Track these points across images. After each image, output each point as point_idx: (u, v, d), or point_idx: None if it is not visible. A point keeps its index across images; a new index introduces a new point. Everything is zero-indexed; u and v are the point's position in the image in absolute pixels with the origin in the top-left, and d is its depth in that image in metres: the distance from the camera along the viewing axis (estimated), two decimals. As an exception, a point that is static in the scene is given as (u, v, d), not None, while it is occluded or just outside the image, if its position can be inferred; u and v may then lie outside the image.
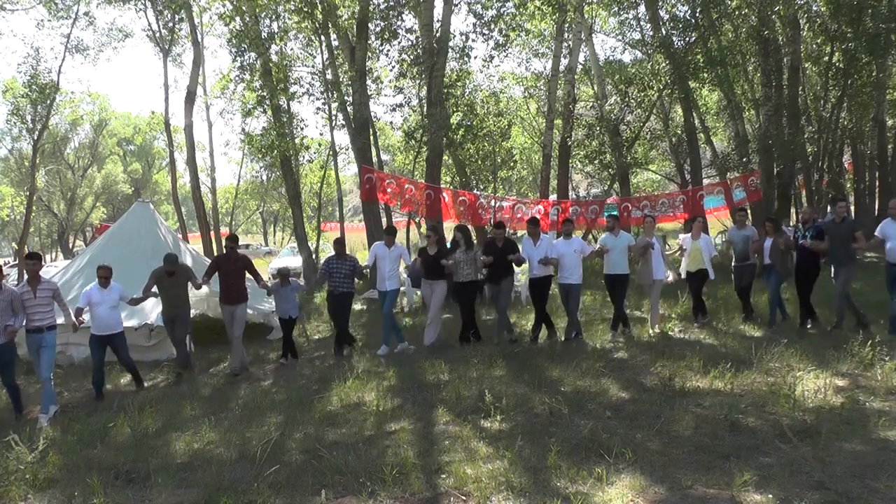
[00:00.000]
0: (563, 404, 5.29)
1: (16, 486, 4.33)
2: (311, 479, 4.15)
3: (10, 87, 22.68)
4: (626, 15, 18.26)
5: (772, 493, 3.58)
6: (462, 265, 8.40)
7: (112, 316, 7.26)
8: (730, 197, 15.69)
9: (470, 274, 8.45)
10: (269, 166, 23.55)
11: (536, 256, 8.29)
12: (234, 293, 8.07)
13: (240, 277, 8.18)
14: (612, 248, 8.43)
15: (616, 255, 8.45)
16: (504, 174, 22.61)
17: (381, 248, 8.68)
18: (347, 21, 14.95)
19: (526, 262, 8.46)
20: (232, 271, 8.13)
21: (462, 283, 8.48)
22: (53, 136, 34.58)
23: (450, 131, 14.74)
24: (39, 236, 45.29)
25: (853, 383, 5.58)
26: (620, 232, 8.65)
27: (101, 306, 7.13)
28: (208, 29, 23.56)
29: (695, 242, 8.87)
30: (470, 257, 8.42)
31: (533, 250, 8.37)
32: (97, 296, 7.14)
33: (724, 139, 23.59)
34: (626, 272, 8.56)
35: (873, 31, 13.39)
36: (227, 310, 8.10)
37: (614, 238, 8.51)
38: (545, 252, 8.26)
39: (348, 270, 8.52)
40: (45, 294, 6.53)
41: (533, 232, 8.55)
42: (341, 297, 8.54)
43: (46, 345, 6.48)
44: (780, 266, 8.42)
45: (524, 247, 8.51)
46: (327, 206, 34.02)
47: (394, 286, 8.70)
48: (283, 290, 8.50)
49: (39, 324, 6.45)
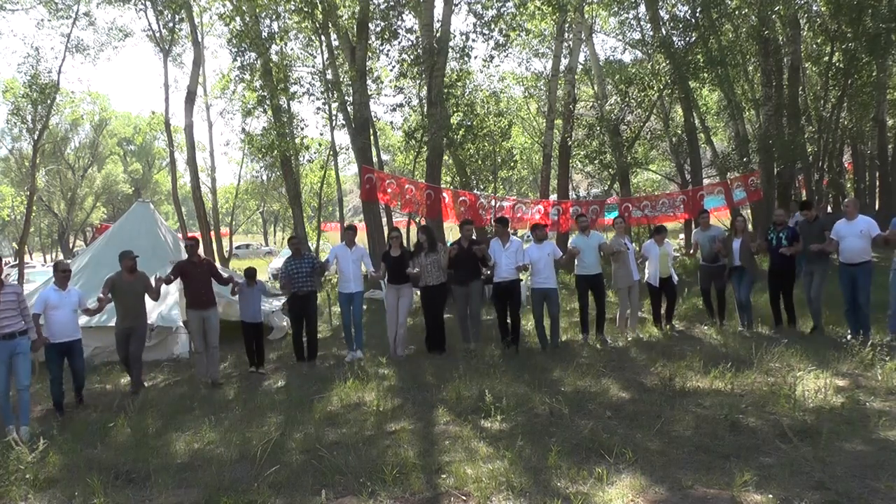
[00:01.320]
0: (564, 404, 5.28)
1: (16, 486, 4.33)
2: (311, 479, 4.15)
3: (10, 86, 22.67)
4: (626, 15, 18.29)
5: (772, 493, 3.57)
6: (428, 268, 7.97)
7: (71, 321, 6.66)
8: (730, 197, 15.69)
9: (439, 277, 8.01)
10: (269, 166, 23.58)
11: (505, 259, 7.85)
12: (203, 297, 7.58)
13: (207, 281, 7.68)
14: (584, 248, 8.14)
15: (589, 256, 8.18)
16: (504, 174, 22.62)
17: (342, 249, 8.33)
18: (347, 21, 14.97)
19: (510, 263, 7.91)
20: (197, 274, 7.63)
21: (428, 287, 8.02)
22: (53, 136, 34.59)
23: (450, 131, 14.75)
24: (39, 236, 45.33)
25: (853, 383, 5.57)
26: (592, 232, 8.47)
27: (59, 310, 6.50)
28: (208, 29, 23.63)
29: (661, 248, 8.62)
30: (434, 260, 7.98)
31: (502, 252, 7.90)
32: (55, 298, 6.51)
33: (724, 139, 23.61)
34: (600, 272, 8.29)
35: (873, 31, 13.40)
36: (197, 316, 7.57)
37: (586, 239, 8.26)
38: (515, 255, 7.86)
39: (307, 269, 8.14)
40: (10, 298, 5.82)
41: (501, 232, 8.11)
42: (303, 298, 8.11)
43: (21, 350, 5.85)
44: (750, 268, 8.24)
45: (492, 248, 8.04)
46: (327, 206, 34.06)
47: (359, 288, 8.31)
48: (249, 291, 8.01)
49: (10, 329, 5.76)
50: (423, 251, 8.03)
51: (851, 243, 7.24)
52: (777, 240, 7.97)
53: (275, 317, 10.36)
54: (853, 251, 7.23)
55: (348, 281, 8.23)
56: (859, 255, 7.22)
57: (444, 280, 8.10)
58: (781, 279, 8.05)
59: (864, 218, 7.35)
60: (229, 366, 8.70)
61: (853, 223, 7.29)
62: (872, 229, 7.21)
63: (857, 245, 7.21)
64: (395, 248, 8.21)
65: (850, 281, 7.31)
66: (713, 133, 22.18)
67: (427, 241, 8.11)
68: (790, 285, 8.05)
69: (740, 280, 8.28)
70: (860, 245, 7.21)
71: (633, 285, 8.50)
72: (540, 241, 8.06)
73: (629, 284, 8.48)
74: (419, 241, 8.22)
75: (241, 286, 7.96)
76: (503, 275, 7.87)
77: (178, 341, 9.16)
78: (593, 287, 8.28)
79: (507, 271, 7.85)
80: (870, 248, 7.27)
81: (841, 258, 7.41)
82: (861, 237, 7.19)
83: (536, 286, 8.04)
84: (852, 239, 7.23)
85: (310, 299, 8.24)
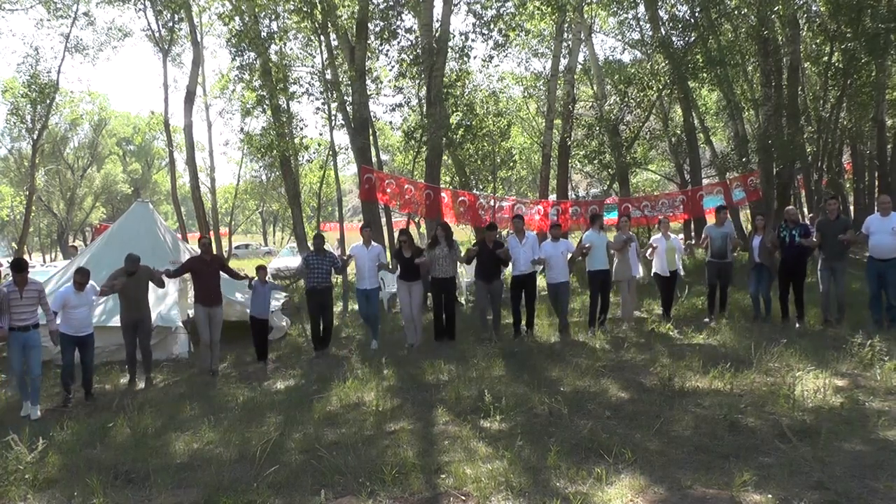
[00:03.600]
0: (563, 404, 5.29)
1: (16, 486, 4.33)
2: (310, 479, 4.15)
3: (9, 86, 22.67)
4: (625, 15, 18.26)
5: (771, 493, 3.58)
6: (440, 261, 8.56)
7: (87, 318, 7.17)
8: (729, 197, 15.68)
9: (449, 271, 8.66)
10: (268, 166, 23.52)
11: (523, 254, 8.47)
12: (211, 295, 7.95)
13: (215, 277, 8.06)
14: (597, 245, 8.62)
15: (601, 253, 8.66)
16: (504, 174, 22.61)
17: (359, 248, 8.84)
18: (347, 21, 14.94)
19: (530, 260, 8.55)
20: (207, 272, 8.00)
21: (439, 280, 8.63)
22: (53, 136, 34.59)
23: (449, 131, 14.73)
24: (39, 236, 45.29)
25: (853, 383, 5.58)
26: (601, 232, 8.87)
27: (78, 309, 7.00)
28: (208, 29, 23.61)
29: (669, 242, 8.99)
30: (446, 254, 8.57)
31: (519, 248, 8.52)
32: (74, 299, 6.98)
33: (723, 139, 23.60)
34: (608, 268, 8.83)
35: (873, 31, 13.39)
36: (204, 311, 7.94)
37: (598, 236, 8.70)
38: (531, 249, 8.49)
39: (327, 266, 8.58)
40: (32, 295, 6.56)
41: (518, 229, 8.69)
42: (322, 292, 8.56)
43: (34, 344, 6.56)
44: (769, 264, 8.50)
45: (510, 245, 8.66)
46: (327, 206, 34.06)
47: (374, 285, 8.79)
48: (261, 288, 8.46)
49: (26, 323, 6.50)
50: (439, 245, 8.58)
51: (882, 239, 7.45)
52: (790, 237, 8.21)
53: (274, 316, 10.35)
54: (884, 247, 7.43)
55: (364, 278, 8.70)
56: (890, 251, 7.38)
57: (453, 275, 8.76)
58: (793, 276, 8.28)
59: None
60: (228, 365, 8.70)
61: (887, 219, 7.50)
62: None
63: (888, 241, 7.40)
64: (406, 250, 8.68)
65: (877, 275, 7.53)
66: (712, 133, 22.18)
67: (445, 236, 8.66)
68: (801, 281, 8.27)
69: (759, 276, 8.56)
70: (892, 241, 7.37)
71: (630, 280, 8.95)
72: (556, 238, 8.74)
73: (628, 278, 8.91)
74: (436, 234, 8.81)
75: (255, 282, 8.44)
76: (521, 268, 8.53)
77: (178, 341, 9.15)
78: (603, 282, 8.76)
79: (524, 265, 8.51)
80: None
81: (871, 252, 7.62)
82: (893, 234, 7.35)
83: (551, 280, 8.66)
84: (884, 235, 7.43)
85: (326, 294, 8.67)
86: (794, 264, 8.24)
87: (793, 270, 8.27)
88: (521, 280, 8.60)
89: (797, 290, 8.30)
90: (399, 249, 8.84)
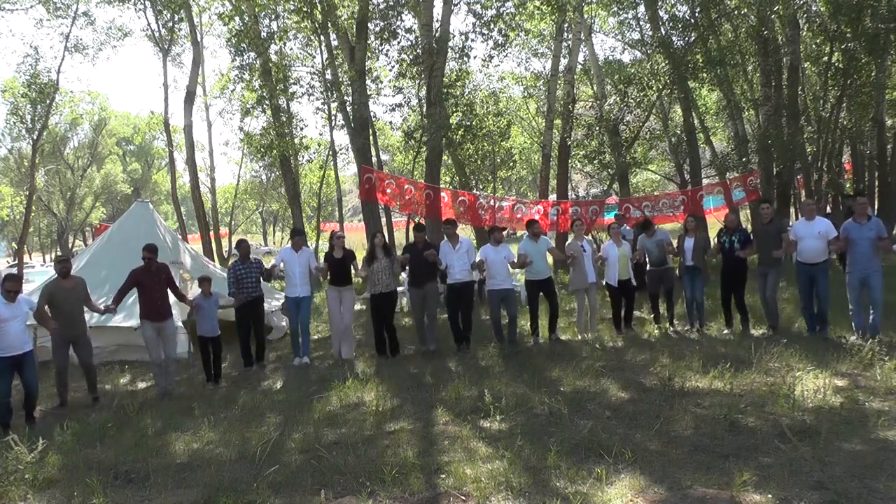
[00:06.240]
0: (563, 404, 5.28)
1: (15, 486, 4.33)
2: (310, 479, 4.15)
3: (9, 86, 22.65)
4: (625, 15, 18.29)
5: (771, 493, 3.58)
6: (380, 275, 7.94)
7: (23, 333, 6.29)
8: (729, 197, 15.70)
9: (389, 284, 7.99)
10: (268, 166, 23.56)
11: (457, 260, 7.90)
12: (159, 309, 7.15)
13: (164, 290, 7.25)
14: (533, 254, 8.09)
15: (538, 262, 8.15)
16: (503, 174, 22.65)
17: (288, 253, 8.24)
18: (347, 21, 14.96)
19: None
20: (154, 284, 7.14)
21: (378, 295, 7.97)
22: (53, 136, 34.58)
23: (449, 131, 14.74)
24: (39, 236, 45.26)
25: (853, 383, 5.58)
26: (541, 238, 8.38)
27: (9, 322, 6.07)
28: (208, 29, 23.64)
29: (620, 250, 8.56)
30: (385, 266, 7.96)
31: (452, 254, 7.92)
32: (5, 311, 6.06)
33: (723, 139, 23.61)
34: (549, 276, 8.33)
35: (873, 32, 13.41)
36: (152, 327, 7.11)
37: (535, 244, 8.17)
38: (466, 255, 7.91)
39: (256, 275, 8.03)
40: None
41: (450, 234, 8.07)
42: (253, 303, 8.00)
43: None
44: (702, 267, 8.36)
45: (442, 251, 8.01)
46: (327, 206, 34.08)
47: (306, 293, 8.16)
48: (206, 302, 7.60)
49: None
50: (377, 259, 7.96)
51: (810, 244, 7.48)
52: (730, 243, 8.09)
53: (274, 316, 10.35)
54: (812, 251, 7.48)
55: (295, 285, 8.09)
56: (817, 255, 7.46)
57: (394, 288, 8.07)
58: (734, 281, 8.17)
59: (821, 220, 7.67)
60: (228, 366, 8.70)
61: (811, 224, 7.54)
62: (830, 231, 7.43)
63: (815, 245, 7.46)
64: (337, 250, 8.14)
65: (807, 280, 7.56)
66: (712, 133, 22.18)
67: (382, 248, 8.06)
68: (742, 287, 8.18)
69: (693, 280, 8.37)
70: (818, 246, 7.45)
71: (589, 287, 8.48)
72: (497, 242, 8.12)
73: (585, 287, 8.46)
74: (373, 247, 8.09)
75: (198, 299, 7.63)
76: (456, 276, 7.93)
77: (178, 341, 9.14)
78: (544, 290, 8.29)
79: (459, 273, 7.90)
80: (827, 249, 7.49)
81: (799, 258, 7.66)
82: (819, 238, 7.43)
83: (493, 287, 8.07)
84: (811, 240, 7.48)
85: (258, 304, 8.13)
86: (734, 270, 8.09)
87: (733, 276, 8.12)
88: (455, 289, 7.95)
89: (737, 295, 8.14)
90: (330, 251, 8.32)
